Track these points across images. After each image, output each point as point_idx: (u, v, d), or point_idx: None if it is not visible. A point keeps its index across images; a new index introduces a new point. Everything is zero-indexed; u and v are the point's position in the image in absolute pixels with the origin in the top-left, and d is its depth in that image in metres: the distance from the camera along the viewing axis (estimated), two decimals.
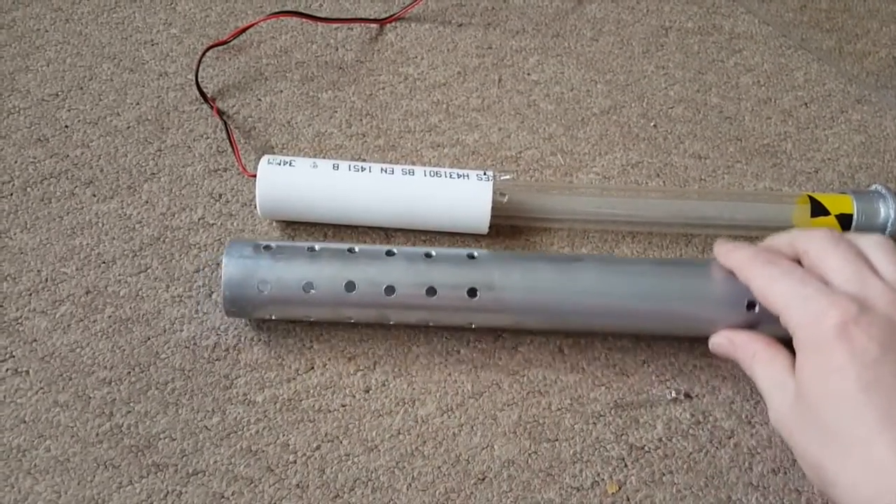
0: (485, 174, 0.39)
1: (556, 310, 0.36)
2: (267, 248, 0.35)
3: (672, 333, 0.38)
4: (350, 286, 0.35)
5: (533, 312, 0.36)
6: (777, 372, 0.32)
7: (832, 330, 0.29)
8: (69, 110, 0.44)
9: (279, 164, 0.38)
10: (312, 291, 0.35)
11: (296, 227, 0.40)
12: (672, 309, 0.36)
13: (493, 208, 0.38)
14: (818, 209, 0.40)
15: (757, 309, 0.35)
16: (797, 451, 0.31)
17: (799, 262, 0.33)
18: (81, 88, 0.45)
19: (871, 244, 0.32)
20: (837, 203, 0.40)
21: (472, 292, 0.35)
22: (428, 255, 0.36)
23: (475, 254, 0.36)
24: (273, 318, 0.37)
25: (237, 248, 0.35)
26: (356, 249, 0.36)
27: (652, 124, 0.46)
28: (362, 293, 0.35)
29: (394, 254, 0.36)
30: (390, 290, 0.35)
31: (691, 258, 0.40)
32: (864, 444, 0.28)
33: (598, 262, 0.37)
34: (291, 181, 0.38)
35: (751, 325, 0.35)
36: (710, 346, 0.36)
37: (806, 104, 0.47)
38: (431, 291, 0.35)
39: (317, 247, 0.36)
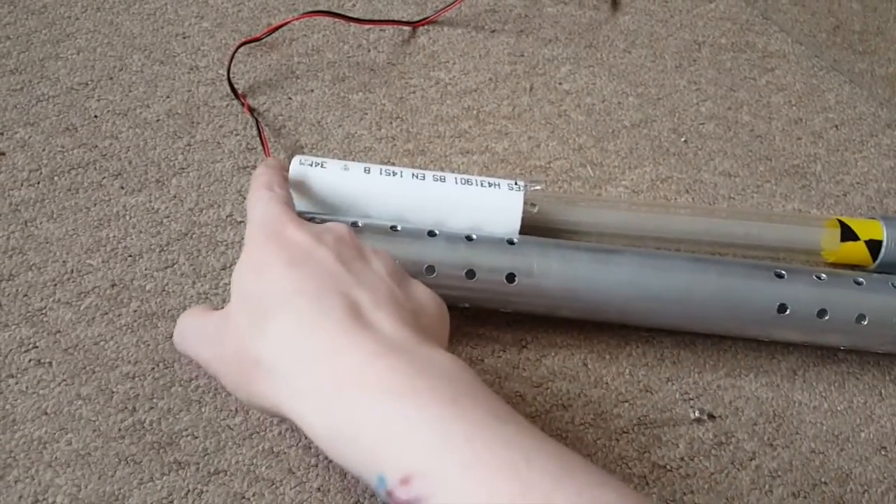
0: (516, 184, 0.39)
1: (593, 299, 0.36)
2: (311, 219, 0.36)
3: (704, 331, 0.38)
4: None
5: (569, 300, 0.36)
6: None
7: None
8: (98, 100, 0.44)
9: (311, 165, 0.38)
10: None
11: None
12: (705, 306, 0.36)
13: (522, 218, 0.38)
14: (847, 234, 0.40)
15: (788, 311, 0.35)
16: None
17: None
18: (111, 79, 0.45)
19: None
20: (867, 228, 0.40)
21: (511, 277, 0.35)
22: (469, 238, 0.36)
23: (514, 239, 0.37)
24: None
25: None
26: (398, 228, 0.36)
27: (682, 140, 0.46)
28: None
29: (435, 234, 0.36)
30: (430, 269, 0.35)
31: (727, 258, 0.40)
32: None
33: (636, 255, 0.37)
34: (322, 183, 0.38)
35: (782, 327, 0.36)
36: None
37: (836, 126, 0.47)
38: (471, 274, 0.35)
39: (360, 223, 0.36)
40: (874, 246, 0.40)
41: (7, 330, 0.36)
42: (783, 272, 0.36)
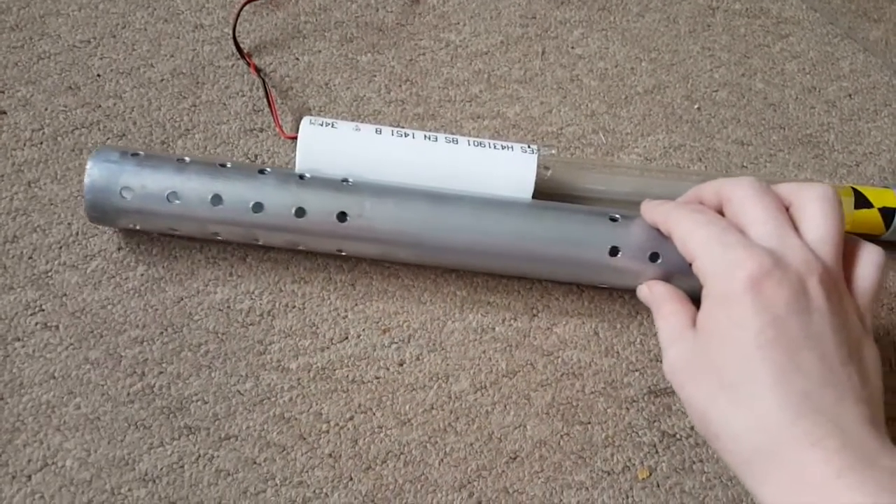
0: (529, 147, 0.38)
1: (427, 244, 0.35)
2: (135, 154, 0.35)
3: (540, 276, 0.38)
4: (216, 199, 0.34)
5: (402, 244, 0.35)
6: (679, 323, 0.32)
7: (742, 282, 0.29)
8: (101, 58, 0.43)
9: (321, 126, 0.37)
10: (177, 202, 0.34)
11: None
12: (540, 250, 0.35)
13: (535, 182, 0.38)
14: (862, 201, 0.40)
15: (620, 255, 0.35)
16: (687, 401, 0.30)
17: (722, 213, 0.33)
18: (114, 36, 0.43)
19: (811, 197, 0.31)
20: (881, 196, 0.40)
21: (342, 216, 0.34)
22: (301, 177, 0.35)
23: (350, 180, 0.35)
24: (137, 227, 0.36)
25: (104, 153, 0.35)
26: (228, 165, 0.35)
27: (696, 107, 0.45)
28: (229, 208, 0.34)
29: (266, 172, 0.35)
30: (258, 206, 0.34)
31: (570, 204, 0.38)
32: (754, 399, 0.28)
33: (473, 199, 0.36)
34: (333, 144, 0.37)
35: (612, 271, 0.35)
36: (637, 291, 0.36)
37: (850, 95, 0.47)
38: (300, 212, 0.34)
39: (187, 159, 0.35)
40: (888, 214, 0.40)
41: (12, 293, 0.36)
42: (618, 216, 0.35)
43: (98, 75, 0.42)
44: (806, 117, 0.45)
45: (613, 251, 0.35)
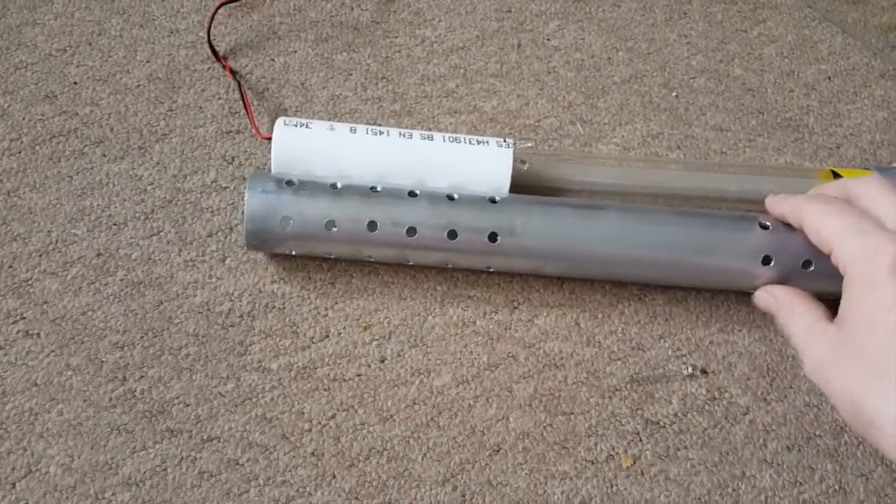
0: (505, 141, 0.38)
1: (577, 257, 0.36)
2: (290, 183, 0.35)
3: (690, 285, 0.38)
4: (372, 226, 0.35)
5: (553, 259, 0.36)
6: (815, 321, 0.32)
7: (887, 266, 0.29)
8: (78, 66, 0.43)
9: (295, 126, 0.37)
10: (334, 229, 0.35)
11: None
12: (690, 259, 0.36)
13: (512, 176, 0.38)
14: None
15: (773, 263, 0.35)
16: (835, 394, 0.30)
17: None
18: (90, 44, 0.44)
19: None
20: None
21: (493, 237, 0.35)
22: (450, 198, 0.36)
23: (496, 198, 0.36)
24: (293, 253, 0.37)
25: (260, 181, 0.35)
26: (379, 188, 0.36)
27: (673, 94, 0.45)
28: (384, 233, 0.35)
29: (416, 195, 0.36)
30: (412, 231, 0.35)
31: (713, 210, 0.40)
32: None
33: (621, 210, 0.37)
34: (308, 144, 0.37)
35: (768, 279, 0.36)
36: (753, 300, 0.36)
37: (829, 78, 0.47)
38: (453, 234, 0.35)
39: (339, 184, 0.36)
40: None
41: None
42: (768, 223, 0.36)
43: (75, 83, 0.42)
44: (785, 101, 0.45)
45: (766, 260, 0.35)
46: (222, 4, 0.44)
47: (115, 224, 0.38)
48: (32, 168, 0.39)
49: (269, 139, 0.37)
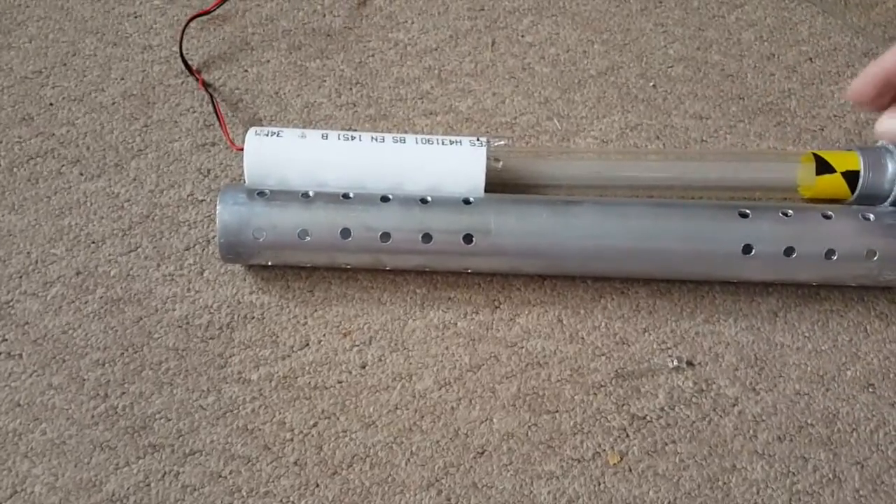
0: (478, 140, 0.38)
1: (553, 254, 0.36)
2: (261, 194, 0.35)
3: (671, 276, 0.38)
4: (346, 233, 0.35)
5: (529, 257, 0.36)
6: None
7: None
8: (53, 87, 0.43)
9: (266, 136, 0.37)
10: (308, 238, 0.35)
11: None
12: (669, 251, 0.36)
13: (487, 175, 0.37)
14: (823, 167, 0.39)
15: (753, 252, 0.35)
16: None
17: None
18: (65, 65, 0.44)
19: None
20: (843, 160, 0.39)
21: (468, 238, 0.35)
22: (423, 201, 0.36)
23: (471, 199, 0.36)
24: (269, 263, 0.37)
25: (231, 194, 0.35)
26: (351, 195, 0.36)
27: (651, 85, 0.44)
28: (358, 240, 0.35)
29: (389, 199, 0.36)
30: (385, 236, 0.35)
31: (690, 201, 0.39)
32: None
33: (596, 204, 0.36)
34: (279, 153, 0.37)
35: (750, 268, 0.35)
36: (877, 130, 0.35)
37: (811, 59, 0.46)
38: (427, 238, 0.35)
39: (311, 193, 0.36)
40: (852, 177, 0.39)
41: None
42: (747, 211, 0.35)
43: (51, 104, 0.42)
44: (766, 85, 0.45)
45: (747, 248, 0.35)
46: (193, 17, 0.44)
47: (93, 242, 0.38)
48: (10, 190, 0.40)
49: (243, 150, 0.37)
